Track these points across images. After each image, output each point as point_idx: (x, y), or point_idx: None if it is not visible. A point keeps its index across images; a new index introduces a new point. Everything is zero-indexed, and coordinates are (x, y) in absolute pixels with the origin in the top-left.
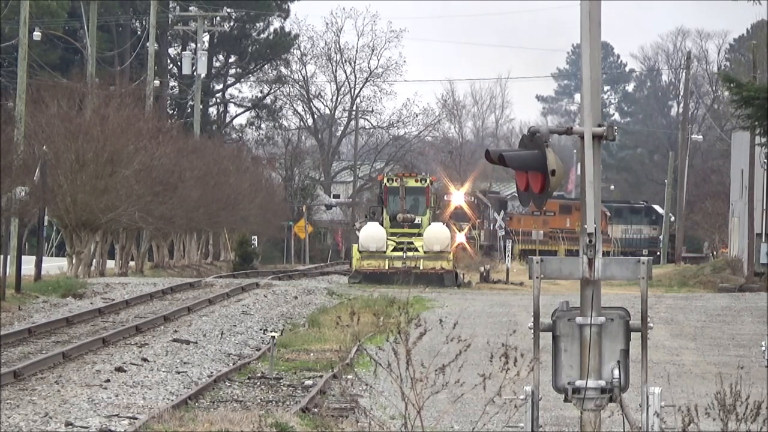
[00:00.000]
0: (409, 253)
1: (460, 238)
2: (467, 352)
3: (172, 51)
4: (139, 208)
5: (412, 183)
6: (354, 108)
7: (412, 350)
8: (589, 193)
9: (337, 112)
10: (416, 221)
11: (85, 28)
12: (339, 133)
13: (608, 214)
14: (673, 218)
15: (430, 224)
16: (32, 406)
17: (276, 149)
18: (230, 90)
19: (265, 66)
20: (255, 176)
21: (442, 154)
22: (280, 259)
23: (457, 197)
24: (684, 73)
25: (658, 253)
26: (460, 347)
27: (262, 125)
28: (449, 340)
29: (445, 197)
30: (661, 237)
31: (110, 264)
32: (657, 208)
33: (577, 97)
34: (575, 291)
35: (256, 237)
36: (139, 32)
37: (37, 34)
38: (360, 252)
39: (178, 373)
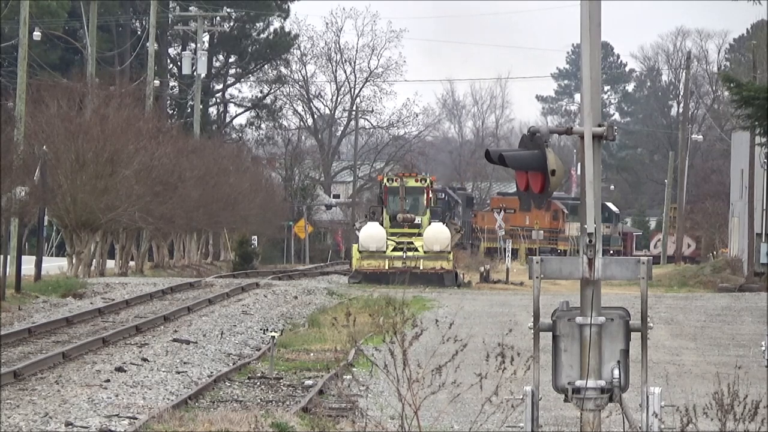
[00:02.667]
0: (409, 253)
1: None
2: (467, 353)
3: (172, 51)
4: (139, 208)
5: (412, 183)
6: (354, 108)
7: (408, 351)
8: (589, 193)
9: (337, 112)
10: (416, 221)
11: (85, 28)
12: (339, 133)
13: (565, 211)
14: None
15: (430, 224)
16: (32, 406)
17: (276, 149)
18: (230, 90)
19: (265, 66)
20: (255, 176)
21: (443, 153)
22: (280, 259)
23: None
24: (684, 73)
25: (612, 252)
26: (457, 347)
27: (262, 125)
28: (445, 340)
29: None
30: (615, 235)
31: (110, 264)
32: (610, 205)
33: (577, 97)
34: (575, 291)
35: (256, 237)
36: (139, 32)
37: (37, 34)
38: (360, 252)
39: (178, 373)
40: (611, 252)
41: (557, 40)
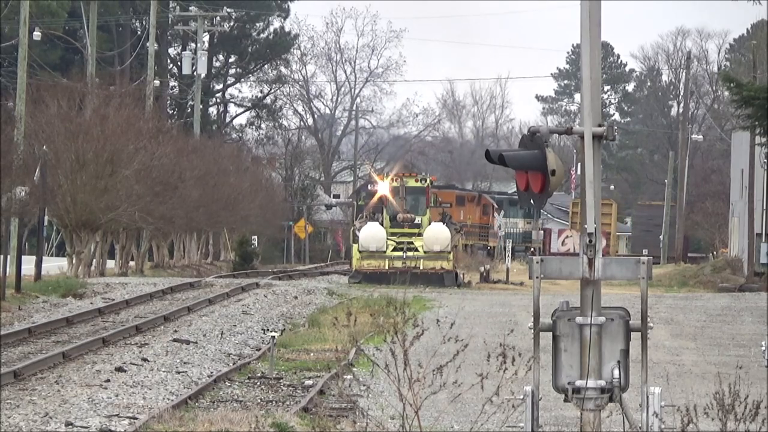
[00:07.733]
0: (409, 253)
1: None
2: (467, 353)
3: (172, 51)
4: (139, 208)
5: (412, 183)
6: (354, 108)
7: (409, 351)
8: (589, 193)
9: (337, 112)
10: (416, 221)
11: (85, 28)
12: (339, 133)
13: (496, 206)
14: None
15: (430, 224)
16: (32, 406)
17: (276, 149)
18: (230, 90)
19: (265, 66)
20: (255, 176)
21: (443, 153)
22: (280, 259)
23: (383, 187)
24: (684, 73)
25: (532, 249)
26: (457, 347)
27: (262, 125)
28: (446, 340)
29: (369, 186)
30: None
31: (110, 264)
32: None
33: (577, 97)
34: (575, 291)
35: (256, 237)
36: (139, 32)
37: (37, 34)
38: (360, 252)
39: (178, 373)
40: (533, 249)
41: (557, 40)
